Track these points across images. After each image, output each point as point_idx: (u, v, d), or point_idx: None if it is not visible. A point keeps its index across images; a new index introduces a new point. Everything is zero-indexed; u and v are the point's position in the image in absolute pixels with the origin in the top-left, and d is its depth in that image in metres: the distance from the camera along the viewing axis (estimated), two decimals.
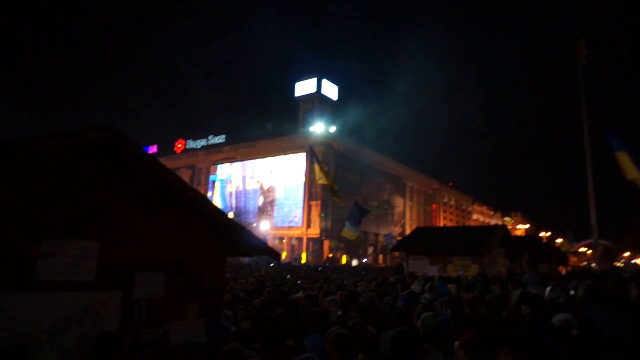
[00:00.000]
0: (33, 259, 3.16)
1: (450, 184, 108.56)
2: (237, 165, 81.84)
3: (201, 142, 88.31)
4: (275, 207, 73.62)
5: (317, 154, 13.28)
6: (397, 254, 21.33)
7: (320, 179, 12.09)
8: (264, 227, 69.21)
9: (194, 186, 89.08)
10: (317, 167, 11.97)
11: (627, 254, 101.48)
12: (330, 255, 57.80)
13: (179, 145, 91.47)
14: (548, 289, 4.77)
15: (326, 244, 66.58)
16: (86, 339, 3.31)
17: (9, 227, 3.06)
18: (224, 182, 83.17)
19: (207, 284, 4.35)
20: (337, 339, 3.31)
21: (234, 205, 79.88)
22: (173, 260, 4.09)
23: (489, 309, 4.54)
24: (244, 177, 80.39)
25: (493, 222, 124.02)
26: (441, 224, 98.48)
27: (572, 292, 5.59)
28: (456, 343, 3.69)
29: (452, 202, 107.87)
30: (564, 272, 26.40)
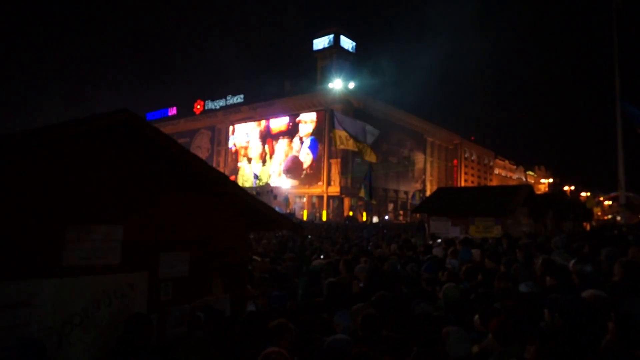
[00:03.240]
0: (59, 246, 3.21)
1: (472, 138, 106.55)
2: (256, 124, 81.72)
3: (220, 103, 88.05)
4: (297, 166, 73.91)
5: (337, 112, 13.10)
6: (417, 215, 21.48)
7: (342, 144, 11.95)
8: (285, 186, 69.88)
9: (214, 147, 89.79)
10: (337, 133, 11.81)
11: None
12: (351, 213, 58.24)
13: (198, 107, 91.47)
14: (572, 262, 4.65)
15: (346, 201, 67.02)
16: (116, 320, 3.40)
17: (34, 215, 3.09)
18: (246, 142, 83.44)
19: (230, 260, 4.39)
20: (366, 321, 3.38)
21: (254, 166, 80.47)
22: (196, 239, 4.12)
23: (513, 283, 4.48)
24: (264, 137, 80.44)
25: (515, 176, 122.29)
26: (462, 180, 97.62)
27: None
28: (476, 317, 3.67)
29: (473, 157, 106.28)
30: (588, 227, 26.11)
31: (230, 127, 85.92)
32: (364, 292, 5.33)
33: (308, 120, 73.70)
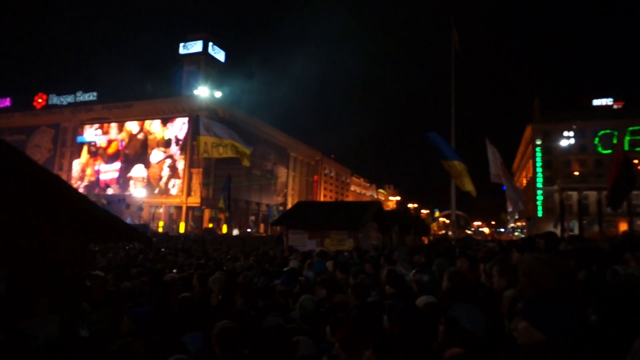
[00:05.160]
0: None
1: (332, 156, 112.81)
2: (112, 127, 74.92)
3: (67, 99, 78.70)
4: (154, 174, 69.43)
5: (203, 118, 12.59)
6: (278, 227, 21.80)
7: (205, 153, 11.45)
8: (139, 196, 65.08)
9: (58, 147, 79.55)
10: (202, 139, 11.27)
11: (477, 223, 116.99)
12: (211, 225, 56.65)
13: (40, 100, 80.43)
14: (412, 272, 5.13)
15: (207, 213, 65.02)
16: None
17: None
18: (95, 146, 75.70)
19: (62, 276, 3.85)
20: (222, 335, 3.17)
21: (106, 172, 73.46)
22: (19, 252, 3.52)
23: (360, 293, 4.77)
24: (120, 141, 74.00)
25: (369, 193, 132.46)
26: (322, 195, 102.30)
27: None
28: (327, 328, 3.80)
29: (332, 174, 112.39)
30: (426, 241, 29.47)
31: (80, 128, 77.27)
32: (218, 307, 5.15)
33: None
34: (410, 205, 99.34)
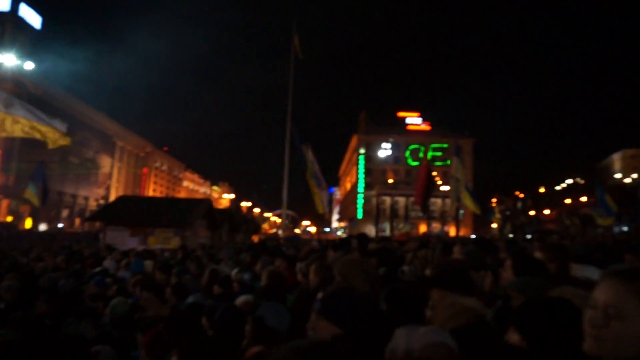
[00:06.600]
0: None
1: (165, 148, 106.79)
2: None
3: None
4: None
5: (2, 92, 10.55)
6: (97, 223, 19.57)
7: (3, 132, 9.64)
8: None
9: None
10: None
11: (306, 222, 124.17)
12: (9, 218, 48.33)
13: None
14: (235, 270, 5.20)
15: (5, 203, 55.12)
16: None
17: None
18: None
19: None
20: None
21: None
22: None
23: (179, 293, 4.62)
24: None
25: (202, 190, 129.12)
26: (151, 189, 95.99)
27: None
28: (139, 334, 3.59)
29: (164, 167, 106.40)
30: (256, 240, 30.07)
31: None
32: (3, 314, 4.42)
33: None
34: (244, 204, 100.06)
